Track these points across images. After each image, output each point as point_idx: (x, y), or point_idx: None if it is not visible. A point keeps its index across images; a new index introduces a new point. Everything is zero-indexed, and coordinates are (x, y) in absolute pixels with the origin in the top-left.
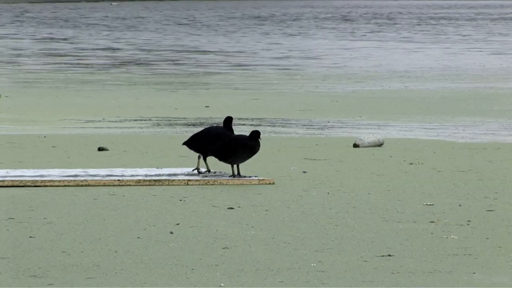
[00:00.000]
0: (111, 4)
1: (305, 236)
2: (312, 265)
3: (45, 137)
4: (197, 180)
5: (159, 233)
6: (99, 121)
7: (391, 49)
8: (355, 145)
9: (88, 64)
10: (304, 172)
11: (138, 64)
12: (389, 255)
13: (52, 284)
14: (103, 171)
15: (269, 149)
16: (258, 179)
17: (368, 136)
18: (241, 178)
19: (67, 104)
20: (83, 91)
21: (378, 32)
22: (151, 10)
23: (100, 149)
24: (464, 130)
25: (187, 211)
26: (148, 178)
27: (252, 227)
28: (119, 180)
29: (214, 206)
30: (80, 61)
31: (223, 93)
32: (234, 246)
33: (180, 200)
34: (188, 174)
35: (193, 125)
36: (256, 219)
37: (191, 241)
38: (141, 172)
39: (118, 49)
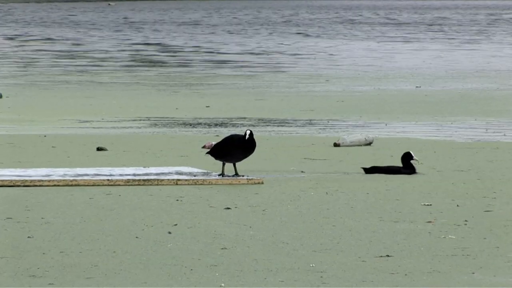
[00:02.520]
0: (109, 4)
1: (304, 236)
2: (311, 265)
3: (45, 137)
4: (186, 180)
5: (157, 233)
6: (99, 121)
7: (404, 50)
8: (336, 145)
9: (88, 65)
10: (302, 172)
11: (139, 64)
12: (388, 256)
13: (52, 284)
14: (91, 170)
15: (268, 148)
16: (247, 179)
17: (354, 135)
18: (230, 178)
19: (67, 104)
20: (83, 91)
21: (382, 33)
22: (150, 10)
23: (98, 149)
24: (464, 130)
25: (184, 211)
26: (137, 177)
27: (250, 227)
28: (108, 180)
29: (211, 206)
30: (80, 62)
31: (226, 94)
32: (232, 247)
33: (177, 200)
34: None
35: (191, 124)
36: (253, 219)
37: (190, 241)
38: (129, 172)
39: (119, 49)
